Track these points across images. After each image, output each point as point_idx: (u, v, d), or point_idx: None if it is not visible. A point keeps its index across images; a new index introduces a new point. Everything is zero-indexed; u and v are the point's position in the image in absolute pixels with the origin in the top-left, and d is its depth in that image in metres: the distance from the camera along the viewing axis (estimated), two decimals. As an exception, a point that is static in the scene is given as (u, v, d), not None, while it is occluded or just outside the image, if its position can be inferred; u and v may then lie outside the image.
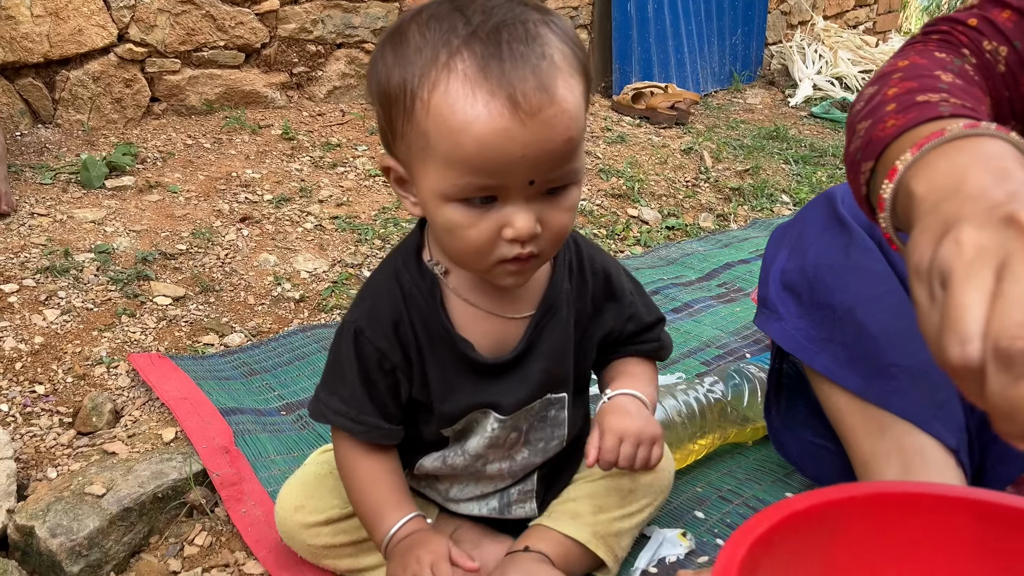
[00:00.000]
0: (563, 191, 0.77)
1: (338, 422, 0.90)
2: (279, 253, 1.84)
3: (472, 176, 0.72)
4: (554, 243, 0.79)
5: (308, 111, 2.59)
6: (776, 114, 3.83)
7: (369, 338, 0.87)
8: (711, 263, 2.20)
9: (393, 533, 0.89)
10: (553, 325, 0.92)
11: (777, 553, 0.61)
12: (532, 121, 0.69)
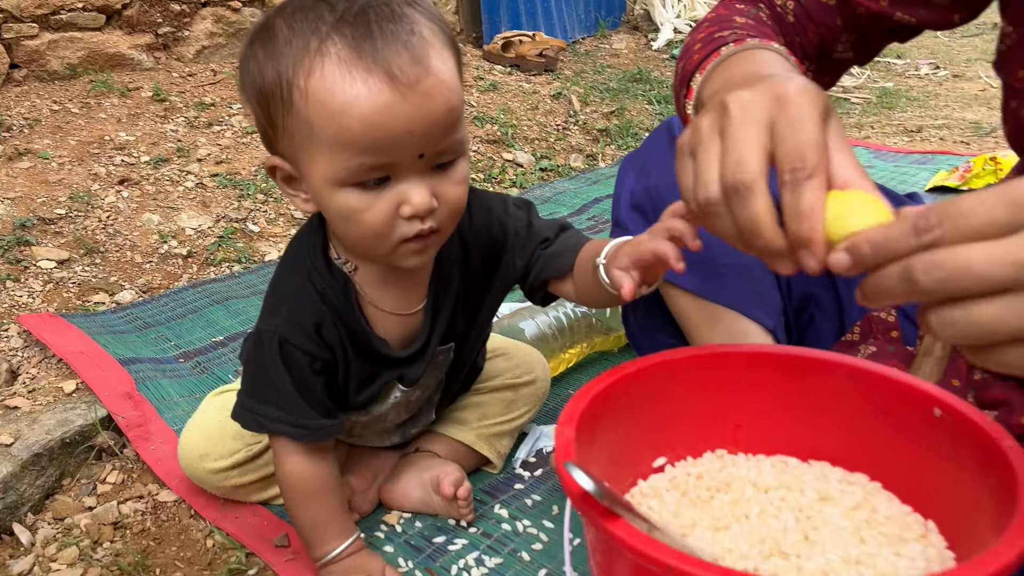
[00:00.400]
0: (452, 165, 0.77)
1: (280, 429, 0.89)
2: (162, 212, 1.87)
3: (362, 156, 0.72)
4: (452, 217, 0.80)
5: (178, 72, 2.57)
6: (640, 57, 4.01)
7: (296, 344, 0.86)
8: (581, 199, 2.36)
9: (334, 556, 0.93)
10: (447, 302, 0.94)
11: (613, 407, 0.74)
12: (412, 93, 0.70)
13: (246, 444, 1.04)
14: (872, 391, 0.74)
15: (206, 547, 1.04)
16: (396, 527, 1.05)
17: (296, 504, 0.93)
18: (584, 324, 1.42)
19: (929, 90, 3.88)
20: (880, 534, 0.67)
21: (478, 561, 0.98)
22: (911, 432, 0.71)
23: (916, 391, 0.71)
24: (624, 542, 0.54)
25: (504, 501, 1.09)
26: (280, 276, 0.90)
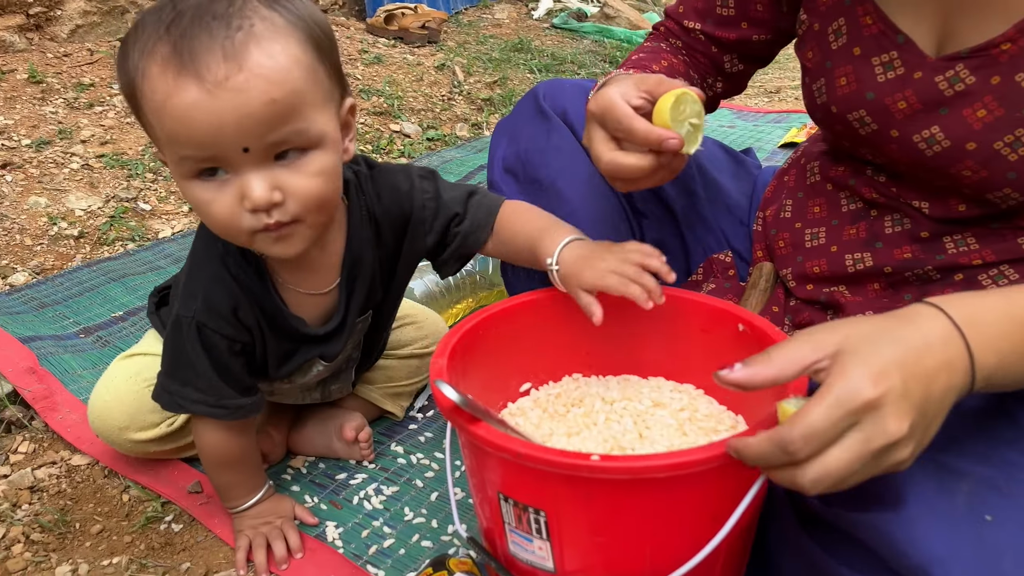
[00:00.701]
0: (301, 156, 0.78)
1: (200, 410, 0.94)
2: (49, 194, 1.88)
3: (187, 150, 0.75)
4: (310, 209, 0.80)
5: (53, 52, 2.53)
6: (521, 27, 4.13)
7: (214, 329, 0.90)
8: (468, 167, 2.47)
9: (247, 506, 1.01)
10: (361, 279, 0.98)
11: (483, 342, 0.88)
12: (220, 90, 0.71)
13: (166, 418, 1.09)
14: (693, 315, 0.89)
15: (122, 501, 1.12)
16: (301, 469, 1.16)
17: (213, 469, 1.00)
18: (469, 281, 1.54)
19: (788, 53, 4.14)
20: (699, 428, 0.83)
21: (377, 491, 1.10)
22: (723, 345, 0.87)
23: (725, 312, 0.87)
24: (484, 439, 0.68)
25: (400, 440, 1.21)
26: (195, 261, 0.93)
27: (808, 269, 1.05)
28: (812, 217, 1.07)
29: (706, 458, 0.63)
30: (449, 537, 1.01)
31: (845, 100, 0.92)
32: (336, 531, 1.03)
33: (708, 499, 0.66)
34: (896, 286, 0.98)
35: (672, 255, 1.26)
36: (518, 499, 0.70)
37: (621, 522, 0.67)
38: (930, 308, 0.64)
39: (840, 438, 0.59)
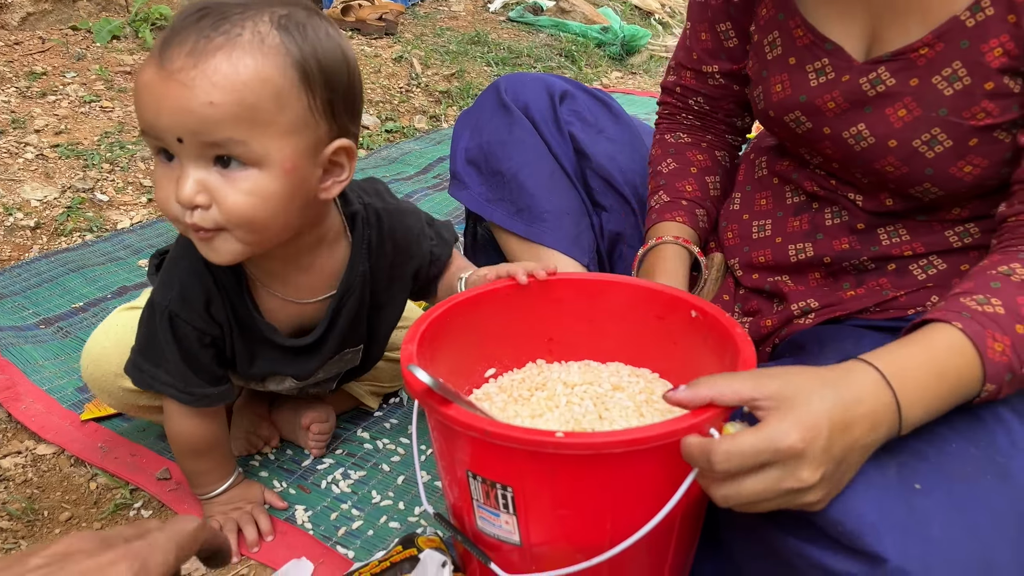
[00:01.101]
0: (241, 170, 0.78)
1: (168, 392, 0.96)
2: (3, 185, 1.86)
3: (143, 125, 0.79)
4: (235, 224, 0.80)
5: (3, 40, 2.48)
6: (477, 20, 4.15)
7: (185, 319, 0.92)
8: (426, 159, 2.50)
9: (216, 493, 1.03)
10: (350, 306, 1.00)
11: (450, 329, 0.91)
12: (171, 79, 0.74)
13: None
14: (649, 302, 0.94)
15: (90, 489, 1.13)
16: (269, 455, 1.18)
17: (183, 456, 1.02)
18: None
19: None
20: (655, 410, 0.88)
21: (344, 475, 1.13)
22: (677, 331, 0.91)
23: (679, 299, 0.91)
24: (454, 419, 0.71)
25: (365, 426, 1.24)
26: (177, 251, 0.94)
27: (754, 259, 1.10)
28: (759, 209, 1.13)
29: (660, 434, 0.68)
30: (416, 518, 1.05)
31: (780, 104, 0.99)
32: (305, 514, 1.06)
33: (663, 474, 0.70)
34: (835, 275, 1.04)
35: (630, 246, 1.31)
36: (486, 476, 0.74)
37: (583, 496, 0.71)
38: (862, 364, 0.71)
39: (758, 470, 0.66)
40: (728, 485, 0.66)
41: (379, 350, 1.14)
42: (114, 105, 2.32)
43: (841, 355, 0.91)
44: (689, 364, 0.91)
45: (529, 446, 0.69)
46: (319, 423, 1.17)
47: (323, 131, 0.82)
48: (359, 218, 0.98)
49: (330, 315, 0.99)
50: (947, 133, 0.86)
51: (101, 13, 2.84)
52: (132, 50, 2.65)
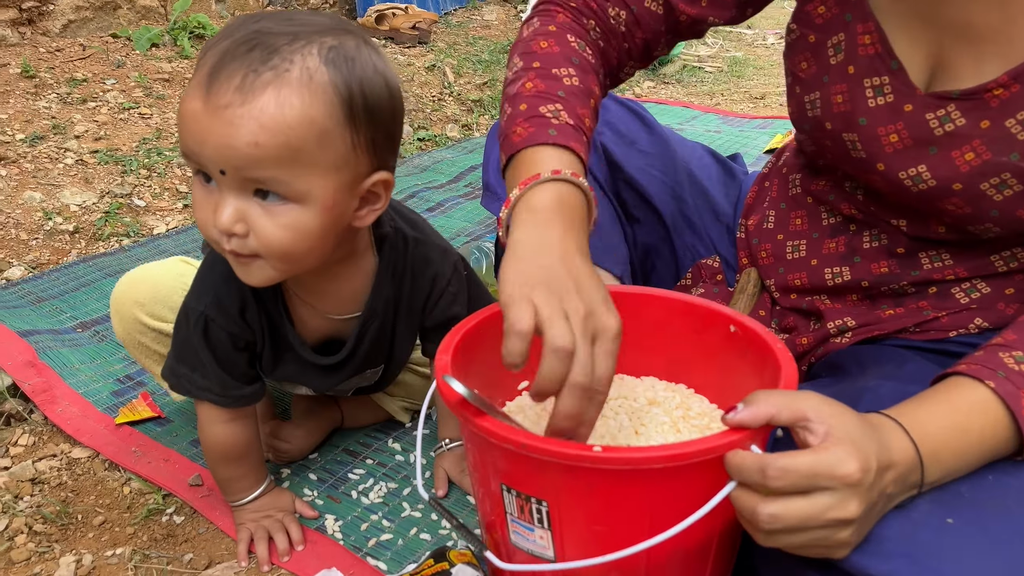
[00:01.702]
0: (281, 203, 0.79)
1: (207, 397, 0.98)
2: (44, 189, 1.89)
3: (184, 148, 0.79)
4: (271, 254, 0.81)
5: (45, 47, 2.53)
6: (510, 29, 4.16)
7: (221, 325, 0.94)
8: (458, 167, 2.50)
9: (247, 500, 1.04)
10: (374, 328, 1.02)
11: (484, 340, 0.90)
12: (218, 115, 0.74)
13: (166, 315, 1.10)
14: (685, 316, 0.93)
15: (123, 493, 1.14)
16: (301, 464, 1.18)
17: (216, 463, 1.03)
18: (462, 281, 1.57)
19: (774, 59, 4.21)
20: (692, 426, 0.87)
21: (375, 486, 1.13)
22: (715, 346, 0.90)
23: (717, 314, 0.90)
24: (490, 431, 0.71)
25: (396, 436, 1.24)
26: (214, 256, 0.94)
27: (790, 281, 1.08)
28: (794, 229, 1.10)
29: (702, 450, 0.67)
30: (447, 530, 1.04)
31: (841, 119, 0.92)
32: (336, 524, 1.06)
33: (703, 491, 0.69)
34: (874, 299, 1.01)
35: (662, 260, 1.30)
36: (521, 490, 0.73)
37: (619, 512, 0.70)
38: (890, 421, 0.69)
39: (809, 493, 0.64)
40: (775, 503, 0.64)
41: (396, 369, 1.14)
42: (152, 112, 2.35)
43: (882, 377, 0.90)
44: (726, 380, 0.89)
45: (566, 460, 0.68)
46: (281, 442, 1.16)
47: (364, 166, 0.83)
48: (387, 242, 0.99)
49: (355, 338, 1.01)
50: (1017, 178, 0.81)
51: (140, 21, 2.89)
52: (170, 58, 2.69)
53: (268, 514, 1.04)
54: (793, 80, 1.01)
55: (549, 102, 0.88)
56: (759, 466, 0.64)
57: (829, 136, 0.95)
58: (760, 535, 0.67)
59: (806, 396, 0.68)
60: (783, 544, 0.66)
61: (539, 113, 0.87)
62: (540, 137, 0.84)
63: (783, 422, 0.67)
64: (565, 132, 0.85)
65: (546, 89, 0.90)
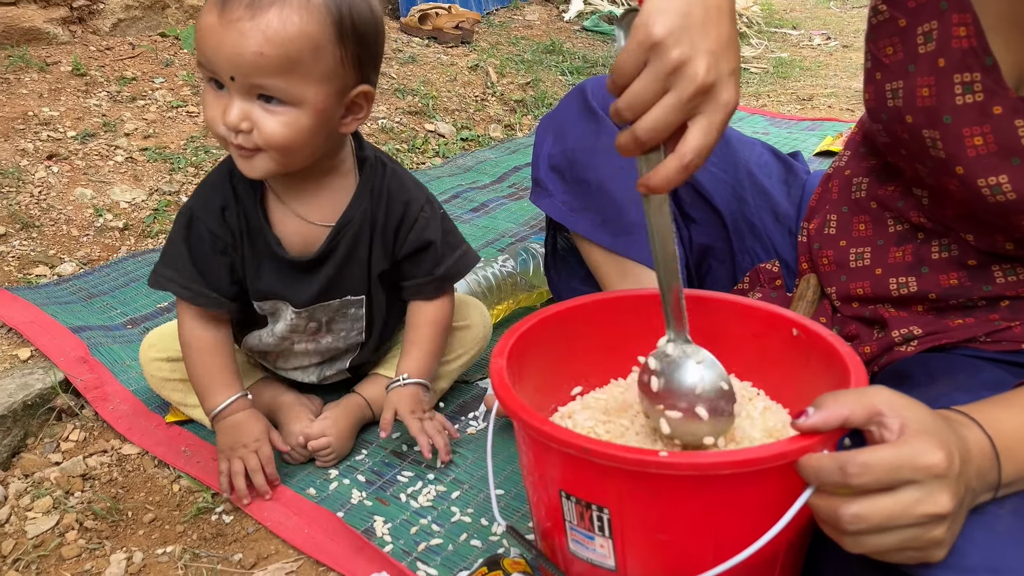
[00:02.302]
0: (280, 106, 0.94)
1: (170, 288, 1.08)
2: (94, 186, 1.91)
3: (201, 58, 0.95)
4: (271, 147, 0.96)
5: (95, 46, 2.56)
6: (552, 29, 4.14)
7: (202, 221, 1.06)
8: (502, 168, 2.49)
9: (220, 409, 1.10)
10: (347, 236, 1.10)
11: (537, 344, 0.89)
12: (229, 27, 0.90)
13: (173, 354, 1.19)
14: (745, 319, 0.90)
15: (173, 491, 1.14)
16: (350, 464, 1.18)
17: (190, 361, 1.11)
18: (510, 282, 1.55)
19: (821, 60, 4.14)
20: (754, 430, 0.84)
21: (424, 489, 1.11)
22: (776, 350, 0.87)
23: (778, 317, 0.87)
24: (550, 435, 0.69)
25: (443, 439, 1.23)
26: (212, 171, 1.11)
27: (852, 290, 1.04)
28: (857, 235, 1.06)
29: (773, 455, 0.65)
30: (497, 537, 1.02)
31: (924, 113, 0.87)
32: (385, 527, 1.04)
33: (772, 499, 0.67)
34: (941, 311, 0.97)
35: (720, 261, 1.26)
36: (581, 496, 0.71)
37: (684, 520, 0.68)
38: (962, 415, 0.67)
39: (894, 489, 0.61)
40: (858, 502, 0.61)
41: (380, 319, 1.20)
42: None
43: (955, 387, 0.86)
44: (789, 384, 0.87)
45: (630, 465, 0.66)
46: (314, 438, 1.15)
47: (350, 78, 0.99)
48: (368, 163, 1.13)
49: (331, 236, 1.10)
50: None
51: (188, 21, 2.91)
52: (217, 57, 2.71)
53: (244, 443, 1.08)
54: (874, 65, 0.94)
55: None
56: (838, 465, 0.61)
57: (907, 130, 0.89)
58: (847, 540, 0.64)
59: (876, 391, 0.66)
60: (873, 547, 0.63)
61: None
62: None
63: (858, 422, 0.64)
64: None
65: None
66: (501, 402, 0.75)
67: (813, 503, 0.65)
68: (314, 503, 1.09)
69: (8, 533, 1.07)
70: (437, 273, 1.18)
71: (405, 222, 1.14)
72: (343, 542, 1.02)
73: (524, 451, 0.79)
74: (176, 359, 1.18)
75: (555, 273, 1.45)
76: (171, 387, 1.22)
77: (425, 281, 1.18)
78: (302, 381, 1.26)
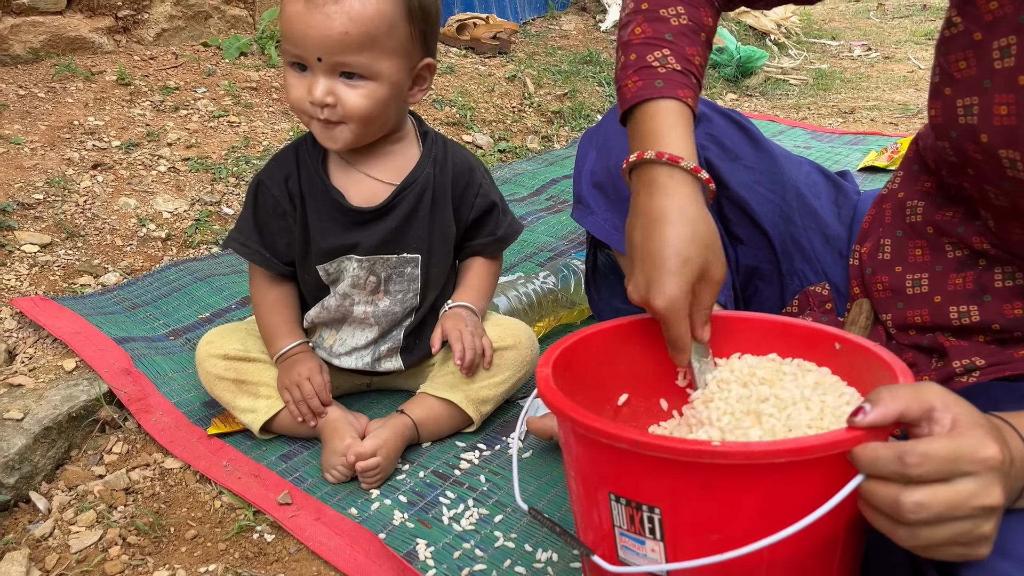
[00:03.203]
0: (361, 80, 1.08)
1: (231, 245, 1.24)
2: (138, 196, 1.93)
3: (287, 45, 1.07)
4: (352, 119, 1.10)
5: (139, 55, 2.59)
6: (589, 39, 4.12)
7: (267, 186, 1.21)
8: (539, 180, 2.47)
9: (284, 351, 1.23)
10: (412, 193, 1.21)
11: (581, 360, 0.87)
12: (317, 11, 1.03)
13: (238, 347, 1.25)
14: (786, 338, 0.88)
15: (215, 507, 1.14)
16: (391, 484, 1.17)
17: (259, 314, 1.26)
18: (551, 299, 1.54)
19: (862, 72, 4.08)
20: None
21: (466, 512, 1.10)
22: (823, 361, 0.85)
23: (819, 333, 0.86)
24: (600, 431, 0.68)
25: (485, 459, 1.21)
26: (282, 147, 1.27)
27: (909, 318, 1.01)
28: (913, 261, 1.03)
29: (829, 442, 0.64)
30: (542, 564, 1.01)
31: (1003, 133, 0.82)
32: (427, 550, 1.03)
33: (823, 496, 0.65)
34: (1004, 342, 0.94)
35: (766, 283, 1.24)
36: (631, 497, 0.70)
37: (736, 516, 0.67)
38: (999, 419, 0.67)
39: (951, 480, 0.61)
40: (920, 490, 0.61)
41: (435, 282, 1.27)
42: (240, 120, 2.39)
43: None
44: None
45: (683, 455, 0.65)
46: (365, 457, 1.13)
47: (416, 53, 1.13)
48: (429, 136, 1.26)
49: (395, 192, 1.20)
50: None
51: (230, 30, 2.94)
52: (258, 66, 2.73)
53: (299, 374, 1.20)
54: (944, 79, 0.89)
55: (656, 48, 0.95)
56: (896, 454, 0.61)
57: (981, 150, 0.85)
58: (901, 530, 0.63)
59: (929, 387, 0.66)
60: (927, 540, 0.62)
61: (647, 63, 0.94)
62: (648, 92, 0.92)
63: (913, 417, 0.64)
64: (672, 81, 0.92)
65: (653, 34, 0.96)
66: (548, 404, 0.74)
67: (870, 490, 0.64)
68: (356, 523, 1.08)
69: (52, 547, 1.07)
70: (498, 233, 1.31)
71: (470, 187, 1.27)
72: (385, 565, 1.01)
73: (571, 455, 0.78)
74: (233, 357, 1.24)
75: (596, 291, 1.43)
76: (223, 386, 1.23)
77: (488, 241, 1.31)
78: (355, 368, 1.28)
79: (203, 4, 2.84)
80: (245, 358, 1.25)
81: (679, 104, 0.91)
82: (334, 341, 1.28)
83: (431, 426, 1.23)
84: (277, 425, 1.23)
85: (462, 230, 1.29)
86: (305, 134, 1.23)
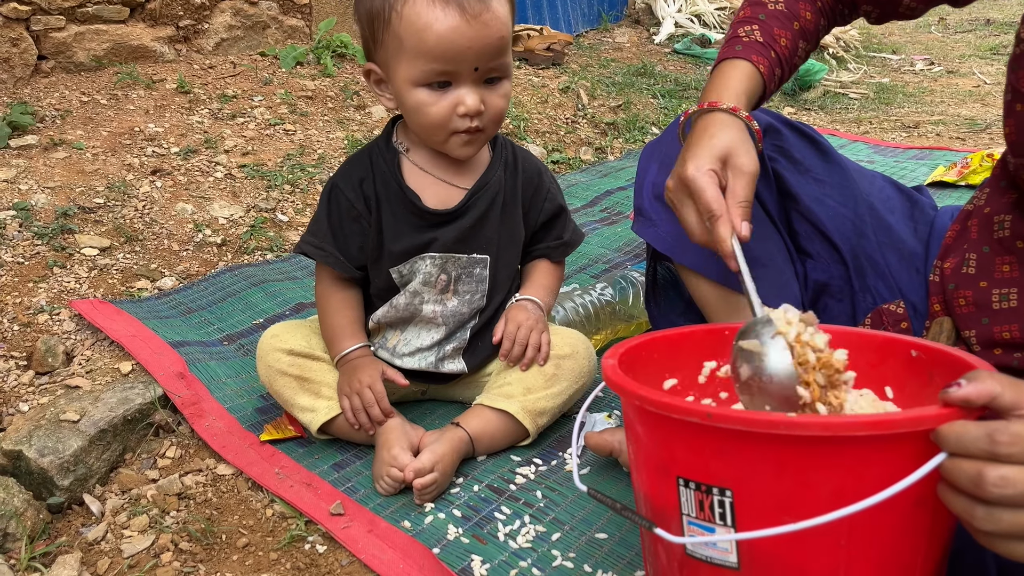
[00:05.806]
0: (500, 82, 1.11)
1: (304, 248, 1.24)
2: (195, 202, 1.94)
3: (434, 63, 1.05)
4: (494, 122, 1.13)
5: (199, 64, 2.63)
6: (643, 51, 4.08)
7: (342, 190, 1.21)
8: (593, 191, 2.44)
9: (345, 354, 1.22)
10: (485, 196, 1.22)
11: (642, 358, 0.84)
12: (475, 22, 1.03)
13: (302, 344, 1.25)
14: (859, 349, 0.84)
15: (266, 516, 1.12)
16: (445, 497, 1.14)
17: (323, 314, 1.26)
18: (608, 311, 1.50)
19: (924, 86, 3.97)
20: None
21: (523, 529, 1.07)
22: (895, 376, 0.82)
23: (894, 341, 0.82)
24: (670, 405, 0.66)
25: (541, 475, 1.18)
26: (354, 153, 1.27)
27: (996, 334, 0.96)
28: (1000, 276, 0.98)
29: (911, 418, 0.61)
30: (602, 586, 0.97)
31: None
32: (483, 567, 1.00)
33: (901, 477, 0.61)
34: None
35: (836, 299, 1.19)
36: (701, 479, 0.67)
37: (810, 498, 0.63)
38: None
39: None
40: (1005, 467, 0.58)
41: (504, 270, 1.27)
42: (296, 128, 2.40)
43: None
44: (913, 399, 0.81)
45: (757, 427, 0.61)
46: (421, 475, 1.10)
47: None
48: (499, 141, 1.27)
49: (469, 195, 1.21)
50: None
51: (287, 40, 2.97)
52: (314, 76, 2.75)
53: (359, 381, 1.17)
54: (1015, 96, 0.89)
55: (748, 24, 1.07)
56: (986, 432, 0.59)
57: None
58: (980, 510, 0.60)
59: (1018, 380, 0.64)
60: (1008, 526, 0.59)
61: (736, 35, 1.06)
62: (727, 53, 1.05)
63: (1006, 403, 0.62)
64: (749, 48, 1.04)
65: (751, 14, 1.08)
66: (614, 385, 0.73)
67: (953, 466, 0.61)
68: (410, 536, 1.05)
69: (104, 551, 1.06)
70: (565, 237, 1.32)
71: (539, 191, 1.29)
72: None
73: (638, 443, 0.74)
74: (297, 353, 1.23)
75: (655, 305, 1.39)
76: (284, 382, 1.22)
77: (555, 245, 1.32)
78: (417, 368, 1.26)
79: (261, 14, 2.87)
80: (310, 355, 1.23)
81: (748, 65, 1.01)
82: (398, 341, 1.27)
83: (487, 440, 1.20)
84: (335, 428, 1.21)
85: (530, 233, 1.30)
86: (376, 139, 1.24)
